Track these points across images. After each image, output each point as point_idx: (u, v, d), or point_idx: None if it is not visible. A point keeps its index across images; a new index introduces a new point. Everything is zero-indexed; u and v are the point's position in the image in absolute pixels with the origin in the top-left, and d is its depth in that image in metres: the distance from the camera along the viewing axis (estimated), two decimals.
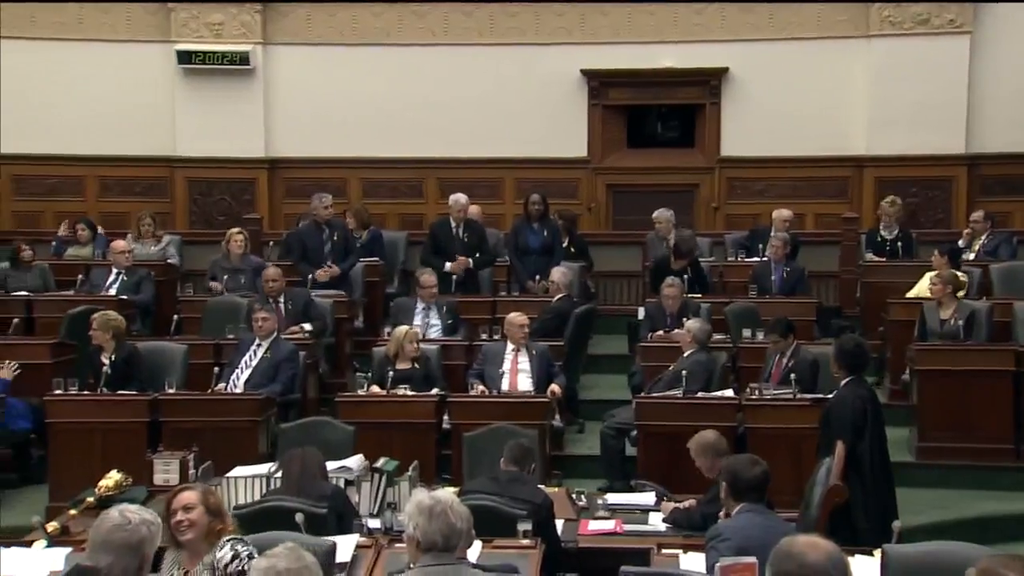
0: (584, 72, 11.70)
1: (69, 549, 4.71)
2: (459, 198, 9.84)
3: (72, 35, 11.37)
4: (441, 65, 11.63)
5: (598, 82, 11.77)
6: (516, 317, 8.01)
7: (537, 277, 9.53)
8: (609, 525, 5.50)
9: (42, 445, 7.54)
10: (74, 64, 11.45)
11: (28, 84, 11.36)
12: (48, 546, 4.82)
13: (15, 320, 8.65)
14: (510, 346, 7.95)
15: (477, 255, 9.76)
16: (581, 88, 11.76)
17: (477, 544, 4.54)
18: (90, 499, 5.53)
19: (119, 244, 9.55)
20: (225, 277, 9.49)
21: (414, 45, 11.66)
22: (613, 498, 5.93)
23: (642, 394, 7.62)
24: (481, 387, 7.68)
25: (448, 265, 9.47)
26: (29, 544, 4.84)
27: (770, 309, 8.80)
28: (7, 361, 7.71)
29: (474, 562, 4.09)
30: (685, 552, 4.86)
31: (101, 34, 11.38)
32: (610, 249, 11.04)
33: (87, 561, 3.54)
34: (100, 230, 10.57)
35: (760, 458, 4.80)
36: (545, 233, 9.80)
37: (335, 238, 9.60)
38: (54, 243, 10.53)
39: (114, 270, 9.35)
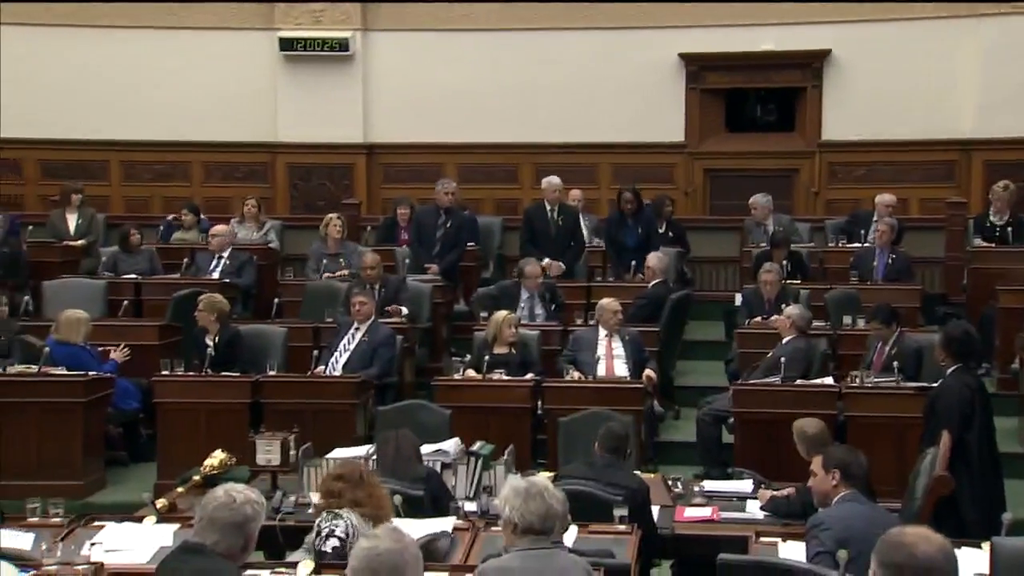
0: (682, 56, 11.58)
1: (177, 526, 4.82)
2: (552, 180, 9.81)
3: (180, 24, 11.62)
4: (538, 50, 11.62)
5: (696, 66, 11.64)
6: (609, 303, 7.97)
7: (633, 270, 9.44)
8: (706, 512, 5.44)
9: (150, 424, 7.73)
10: (182, 53, 11.70)
11: (138, 73, 11.66)
12: (157, 522, 4.93)
13: (125, 303, 8.88)
14: (603, 332, 7.92)
15: (571, 243, 9.70)
16: (679, 72, 11.63)
17: (573, 529, 4.54)
18: (196, 478, 5.65)
19: (218, 228, 9.75)
20: (324, 261, 9.62)
21: (511, 30, 11.66)
22: (710, 485, 5.86)
23: (739, 381, 7.53)
24: (576, 373, 7.67)
25: (545, 261, 9.43)
26: (140, 520, 4.96)
27: (872, 296, 8.62)
28: (120, 345, 7.94)
29: (570, 547, 4.10)
30: (784, 541, 4.78)
31: (208, 23, 11.60)
32: (707, 234, 10.92)
33: (195, 538, 3.62)
34: (202, 215, 10.81)
35: (857, 448, 4.71)
36: (640, 229, 9.69)
37: (448, 226, 9.65)
38: (161, 227, 10.79)
39: (217, 254, 9.55)
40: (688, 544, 5.25)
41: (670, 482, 5.85)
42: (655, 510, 5.32)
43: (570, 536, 4.42)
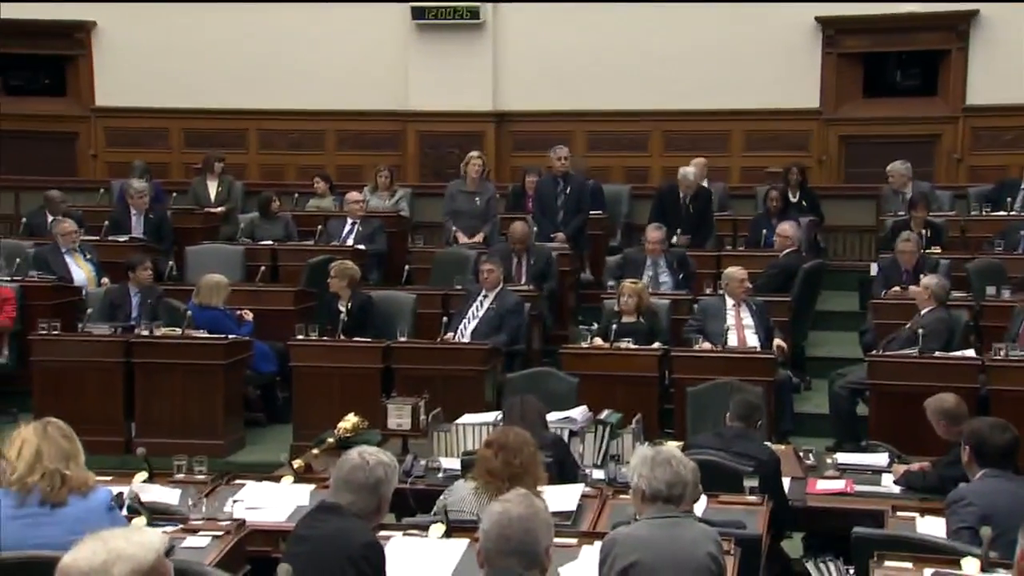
0: (819, 19, 11.26)
1: (313, 486, 4.95)
2: (687, 174, 9.69)
3: None
4: (670, 15, 11.43)
5: (833, 29, 11.30)
6: (736, 271, 7.84)
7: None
8: (839, 485, 5.34)
9: (286, 387, 7.92)
10: (317, 24, 11.85)
11: (275, 44, 11.87)
12: (295, 482, 5.07)
13: (262, 268, 9.11)
14: (730, 301, 7.81)
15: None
16: (815, 36, 11.32)
17: (702, 499, 4.50)
18: (330, 440, 5.78)
19: (352, 195, 9.94)
20: (453, 204, 9.65)
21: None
22: (843, 458, 5.73)
23: (875, 352, 7.34)
24: (706, 343, 7.58)
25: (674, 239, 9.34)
26: (278, 479, 5.11)
27: (1018, 266, 8.29)
28: (245, 309, 8.15)
29: (700, 516, 4.07)
30: (922, 516, 4.66)
31: None
32: (841, 203, 10.66)
33: (331, 499, 3.72)
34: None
35: (1010, 424, 4.54)
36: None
37: (568, 192, 9.66)
38: (296, 195, 11.04)
39: (349, 221, 9.74)
40: (821, 517, 5.16)
41: (801, 454, 5.76)
42: (786, 482, 5.24)
43: (700, 506, 4.38)
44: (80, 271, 8.87)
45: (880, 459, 5.68)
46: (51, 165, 12.00)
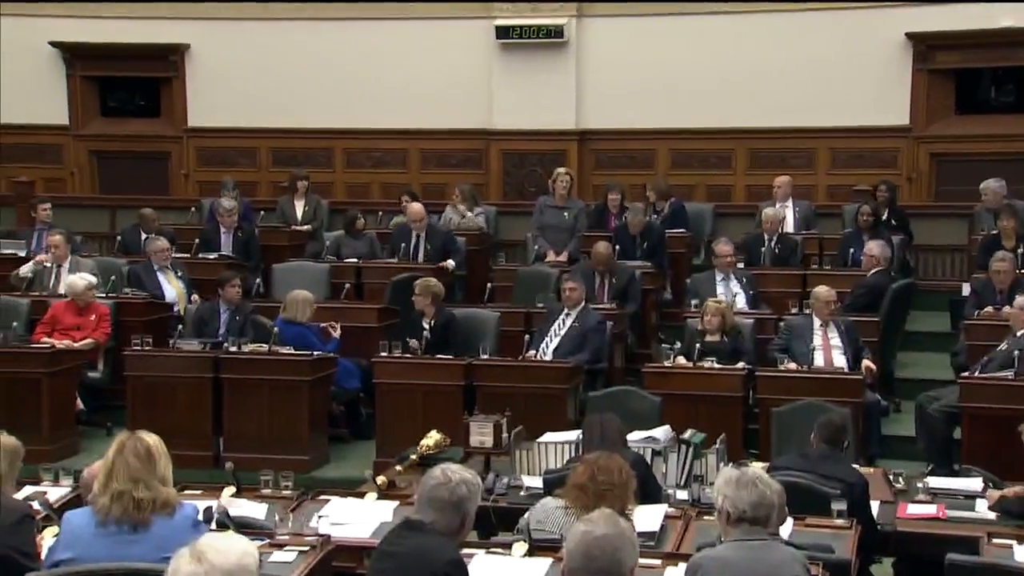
0: (910, 35, 11.05)
1: (397, 503, 4.98)
2: (775, 214, 9.66)
3: (401, 15, 11.89)
4: (754, 32, 11.34)
5: (925, 45, 11.08)
6: (823, 291, 7.74)
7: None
8: (931, 510, 5.21)
9: (370, 403, 7.99)
10: (402, 43, 11.96)
11: (360, 64, 12.01)
12: (378, 498, 5.10)
13: (347, 285, 9.21)
14: (817, 321, 7.70)
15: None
16: (905, 52, 11.11)
17: (788, 521, 4.43)
18: (413, 457, 5.81)
19: (412, 207, 9.91)
20: (541, 216, 9.69)
21: (727, 13, 11.41)
22: (935, 482, 5.60)
23: (967, 374, 7.16)
24: (792, 362, 7.48)
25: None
26: (362, 496, 5.15)
27: None
28: (334, 324, 8.24)
29: (786, 539, 4.01)
30: (1020, 543, 4.54)
31: (428, 13, 11.83)
32: (932, 221, 10.43)
33: (415, 516, 3.74)
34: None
35: None
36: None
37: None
38: (381, 213, 11.14)
39: (415, 235, 9.68)
40: (912, 542, 5.05)
41: (891, 477, 5.64)
42: (875, 505, 5.14)
43: (786, 529, 4.32)
44: (171, 288, 9.06)
45: (974, 484, 5.54)
46: (145, 184, 12.30)
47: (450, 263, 9.49)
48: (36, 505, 4.45)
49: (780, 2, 11.28)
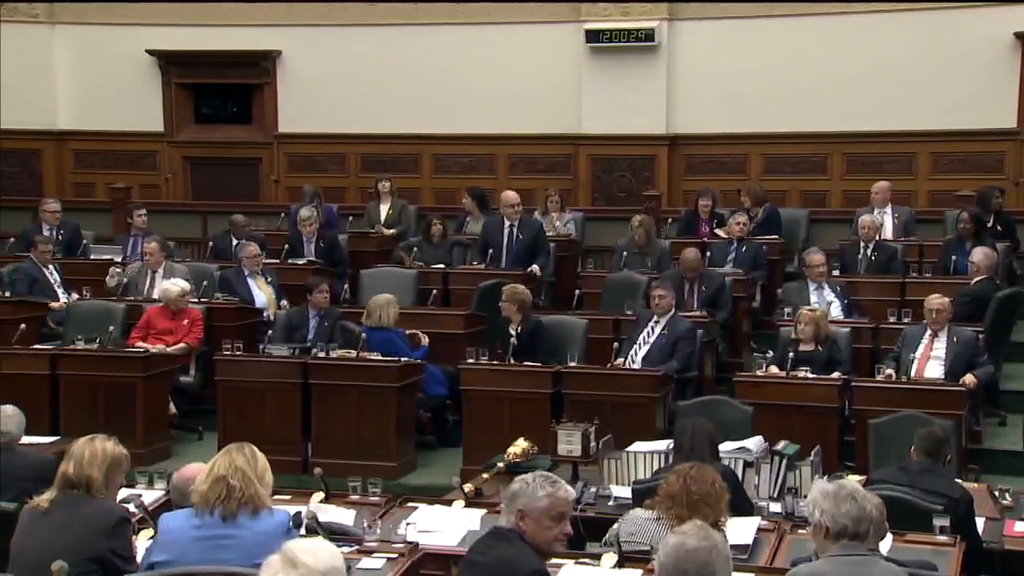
0: (1018, 35, 10.70)
1: (484, 511, 4.94)
2: (873, 221, 9.44)
3: (490, 20, 11.90)
4: (850, 32, 11.11)
5: None
6: (934, 300, 7.51)
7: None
8: None
9: (457, 410, 7.96)
10: (491, 48, 11.97)
11: (448, 69, 12.05)
12: (466, 506, 5.07)
13: (433, 292, 9.22)
14: (929, 330, 7.48)
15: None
16: (1013, 52, 10.77)
17: (888, 537, 4.28)
18: (500, 464, 5.76)
19: (509, 195, 9.85)
20: (624, 254, 9.66)
21: (821, 15, 11.19)
22: None
23: None
24: (889, 371, 7.27)
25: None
26: (449, 503, 5.12)
27: None
28: (420, 333, 8.24)
29: (885, 555, 3.87)
30: None
31: (517, 18, 11.81)
32: None
33: (504, 524, 3.70)
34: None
35: None
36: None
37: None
38: (467, 218, 11.12)
39: (507, 224, 9.61)
40: (1019, 561, 4.86)
41: (997, 493, 5.43)
42: (979, 522, 4.96)
43: (885, 545, 4.17)
44: (261, 293, 9.16)
45: None
46: (236, 190, 12.50)
47: (535, 268, 9.43)
48: (131, 508, 4.49)
49: (879, 2, 11.02)
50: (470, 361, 7.61)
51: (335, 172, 12.60)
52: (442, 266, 9.75)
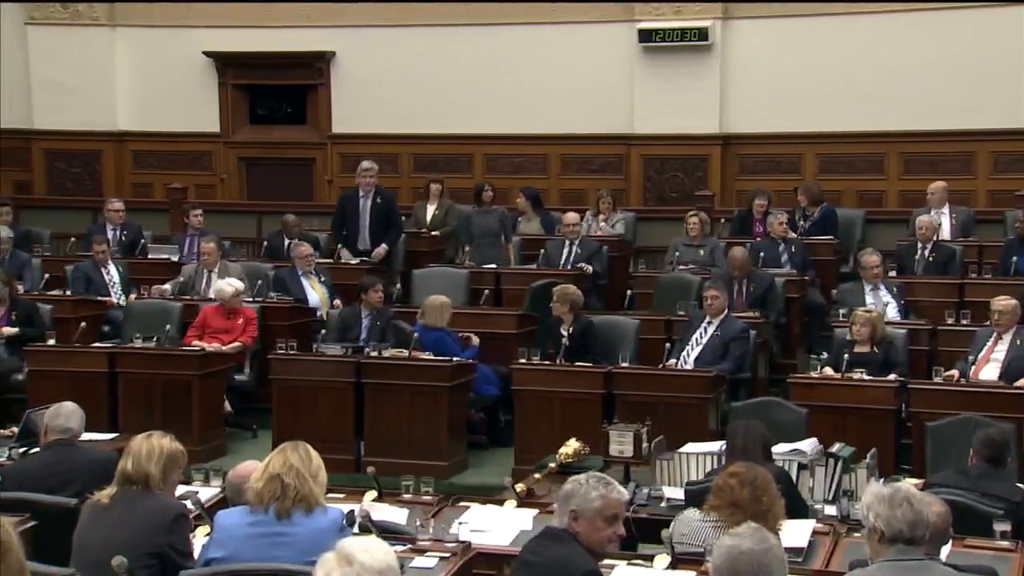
0: None
1: (536, 511, 4.93)
2: (930, 221, 9.29)
3: (542, 20, 11.87)
4: (906, 30, 10.95)
5: None
6: (999, 301, 7.41)
7: None
8: None
9: (508, 410, 7.97)
10: (543, 48, 11.94)
11: (501, 69, 12.03)
12: (518, 506, 5.07)
13: (486, 291, 9.24)
14: (995, 332, 7.38)
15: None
16: None
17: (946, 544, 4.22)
18: (552, 464, 5.77)
19: (569, 216, 9.92)
20: (676, 253, 9.62)
21: (878, 12, 11.04)
22: None
23: None
24: (951, 372, 7.17)
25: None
26: (501, 503, 5.12)
27: None
28: (470, 334, 8.25)
29: (944, 561, 3.81)
30: None
31: (568, 16, 11.78)
32: None
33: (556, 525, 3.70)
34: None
35: None
36: None
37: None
38: (519, 219, 11.11)
39: (567, 243, 9.73)
40: None
41: None
42: None
43: (944, 550, 4.11)
44: (314, 293, 9.23)
45: None
46: (290, 190, 12.60)
47: (588, 267, 9.43)
48: (189, 504, 4.55)
49: (934, 0, 10.85)
50: (522, 361, 7.61)
51: (388, 172, 12.61)
52: (493, 266, 9.77)
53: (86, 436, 5.49)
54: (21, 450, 5.84)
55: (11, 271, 9.17)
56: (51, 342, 8.17)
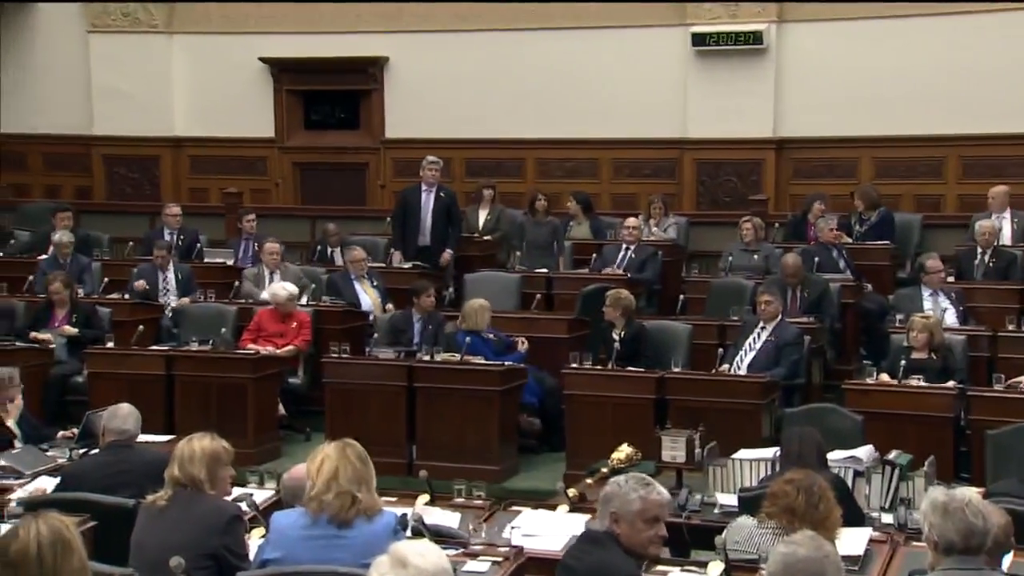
0: None
1: (588, 516, 4.89)
2: (991, 226, 9.16)
3: (595, 24, 11.85)
4: (964, 33, 10.79)
5: None
6: None
7: None
8: None
9: (544, 420, 7.94)
10: (596, 52, 11.91)
11: (553, 73, 12.02)
12: (570, 511, 5.05)
13: (537, 296, 9.24)
14: None
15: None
16: None
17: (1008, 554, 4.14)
18: (604, 470, 5.74)
19: (630, 221, 9.90)
20: (730, 259, 9.57)
21: (934, 15, 10.89)
22: None
23: None
24: (1016, 379, 7.04)
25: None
26: (553, 508, 5.11)
27: None
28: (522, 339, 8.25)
29: (1005, 571, 3.74)
30: None
31: (621, 20, 11.75)
32: None
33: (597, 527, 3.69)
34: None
35: None
36: None
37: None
38: (571, 223, 11.09)
39: (623, 247, 9.71)
40: None
41: None
42: None
43: (1005, 560, 4.03)
44: (367, 297, 9.28)
45: None
46: (343, 194, 12.69)
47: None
48: (243, 506, 4.59)
49: (994, 1, 10.68)
50: (573, 366, 7.59)
51: (441, 177, 12.68)
52: (545, 270, 9.77)
53: (142, 438, 5.56)
54: (81, 451, 5.94)
55: (71, 275, 9.33)
56: (110, 344, 8.29)
